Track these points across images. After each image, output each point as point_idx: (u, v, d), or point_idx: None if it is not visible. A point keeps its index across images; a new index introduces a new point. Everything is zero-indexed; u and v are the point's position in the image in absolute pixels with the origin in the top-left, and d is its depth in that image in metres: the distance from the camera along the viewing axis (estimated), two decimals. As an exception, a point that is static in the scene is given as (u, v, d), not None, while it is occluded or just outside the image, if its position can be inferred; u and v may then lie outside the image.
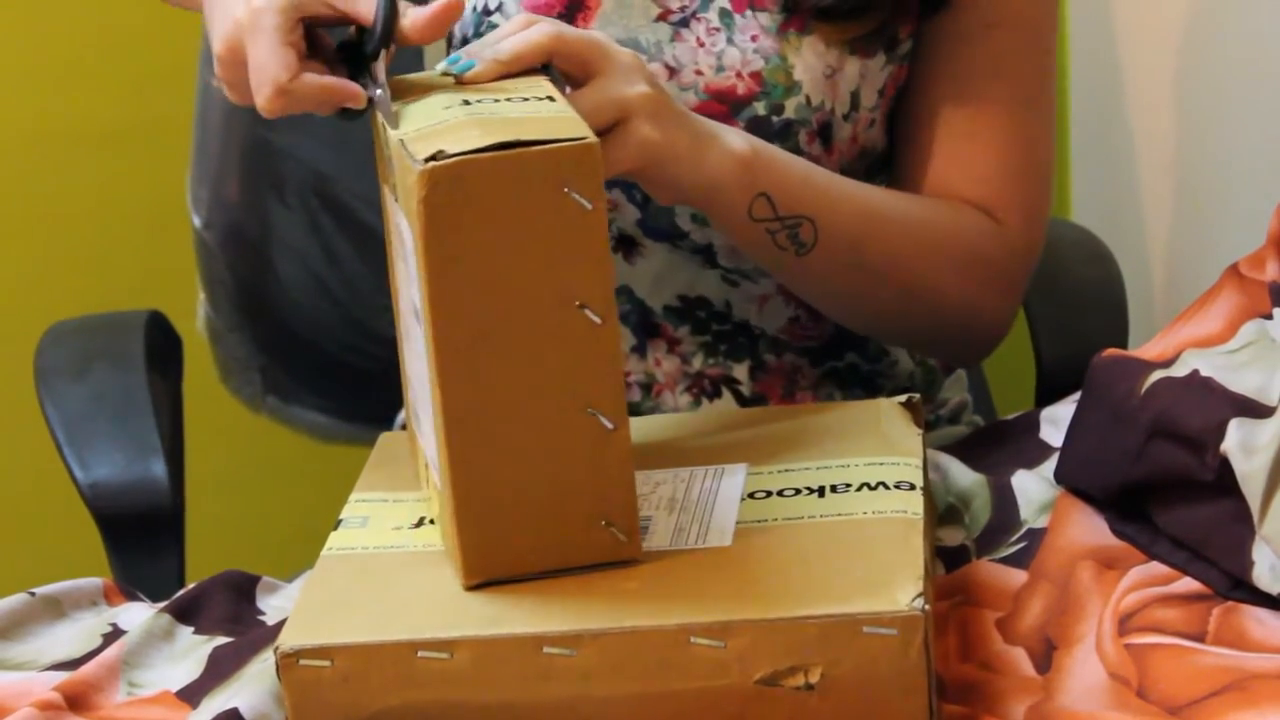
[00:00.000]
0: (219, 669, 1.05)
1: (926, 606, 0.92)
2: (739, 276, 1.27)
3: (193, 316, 1.59)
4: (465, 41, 1.26)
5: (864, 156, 1.28)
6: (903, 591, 0.93)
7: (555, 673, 0.93)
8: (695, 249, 1.26)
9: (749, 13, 1.23)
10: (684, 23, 1.23)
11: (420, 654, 0.94)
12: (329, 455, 1.57)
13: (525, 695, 0.94)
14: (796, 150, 1.22)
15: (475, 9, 1.25)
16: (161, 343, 1.50)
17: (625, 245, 1.27)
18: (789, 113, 1.23)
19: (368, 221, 1.54)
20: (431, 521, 1.04)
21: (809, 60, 1.23)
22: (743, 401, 1.28)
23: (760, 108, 1.22)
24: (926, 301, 1.23)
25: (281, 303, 1.56)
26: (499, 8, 1.24)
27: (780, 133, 1.22)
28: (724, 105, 1.22)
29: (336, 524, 1.05)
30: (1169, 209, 1.81)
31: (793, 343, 1.29)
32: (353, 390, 1.51)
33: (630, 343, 1.28)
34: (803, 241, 1.16)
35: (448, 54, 1.27)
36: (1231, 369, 1.09)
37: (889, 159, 1.30)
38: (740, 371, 1.28)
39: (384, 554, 1.02)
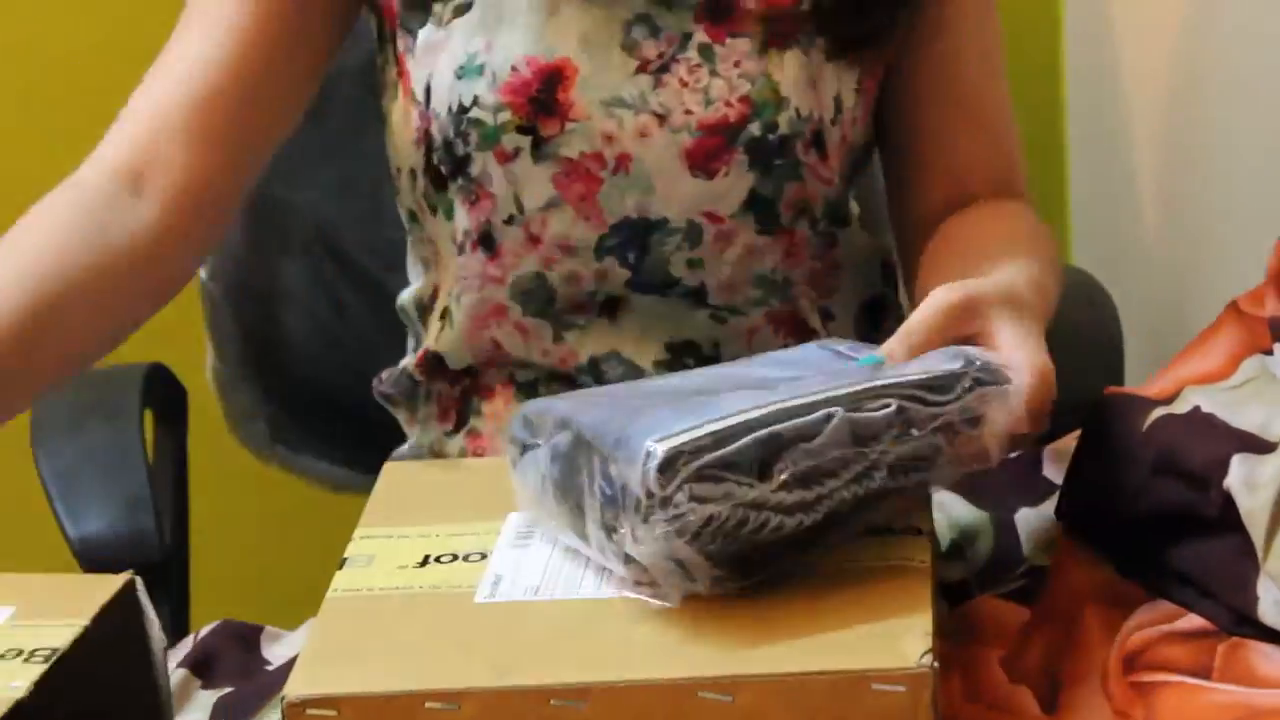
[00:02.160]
0: (223, 718, 1.05)
1: (935, 664, 0.91)
2: (728, 313, 1.27)
3: (202, 368, 1.59)
4: (448, 144, 1.25)
5: (851, 153, 1.28)
6: (912, 647, 0.91)
7: None
8: (686, 292, 1.26)
9: (729, 40, 1.22)
10: (663, 69, 1.23)
11: (428, 704, 0.92)
12: (340, 504, 1.56)
13: None
14: (795, 162, 1.23)
15: (451, 109, 1.24)
16: (166, 395, 1.50)
17: (610, 307, 1.26)
18: (783, 128, 1.23)
19: (372, 271, 1.54)
20: (438, 560, 1.02)
21: (792, 73, 1.23)
22: None
23: (755, 129, 1.22)
24: None
25: (288, 353, 1.56)
26: (474, 103, 1.23)
27: (778, 148, 1.22)
28: (719, 136, 1.22)
29: (341, 563, 1.03)
30: (1168, 249, 1.81)
31: None
32: (361, 439, 1.50)
33: None
34: None
35: (427, 160, 1.25)
36: (1233, 405, 1.08)
37: (869, 150, 1.31)
38: None
39: (390, 595, 1.00)
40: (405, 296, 1.36)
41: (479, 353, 1.30)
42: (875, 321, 1.36)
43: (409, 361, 1.34)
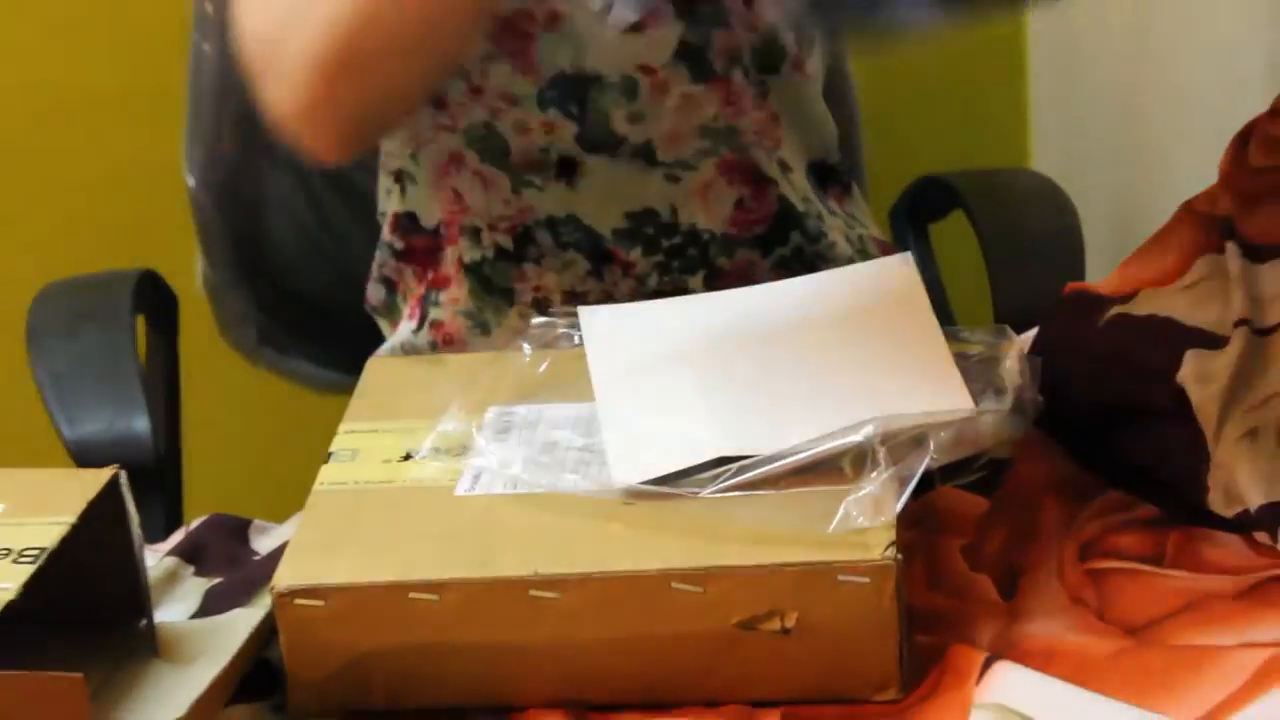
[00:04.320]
0: (214, 606, 1.06)
1: (899, 556, 0.92)
2: (680, 169, 1.27)
3: (192, 274, 1.59)
4: None
5: None
6: (876, 540, 0.93)
7: (541, 615, 0.93)
8: (635, 152, 1.26)
9: None
10: None
11: (411, 595, 0.93)
12: (325, 404, 1.57)
13: (513, 636, 0.94)
14: (720, 10, 1.21)
15: None
16: (157, 300, 1.51)
17: (565, 169, 1.27)
18: None
19: (357, 180, 1.54)
20: (421, 454, 1.02)
21: None
22: None
23: None
24: None
25: (275, 259, 1.55)
26: None
27: None
28: None
29: (327, 458, 1.04)
30: (1125, 152, 1.82)
31: (741, 235, 1.29)
32: (345, 341, 1.51)
33: (586, 267, 1.28)
34: None
35: None
36: (1187, 307, 1.09)
37: None
38: (695, 282, 1.29)
39: (374, 489, 1.01)
40: (380, 194, 1.37)
41: (443, 207, 1.30)
42: (823, 183, 1.36)
43: (383, 236, 1.34)
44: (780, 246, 1.31)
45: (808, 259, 1.32)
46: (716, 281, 1.29)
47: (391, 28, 1.08)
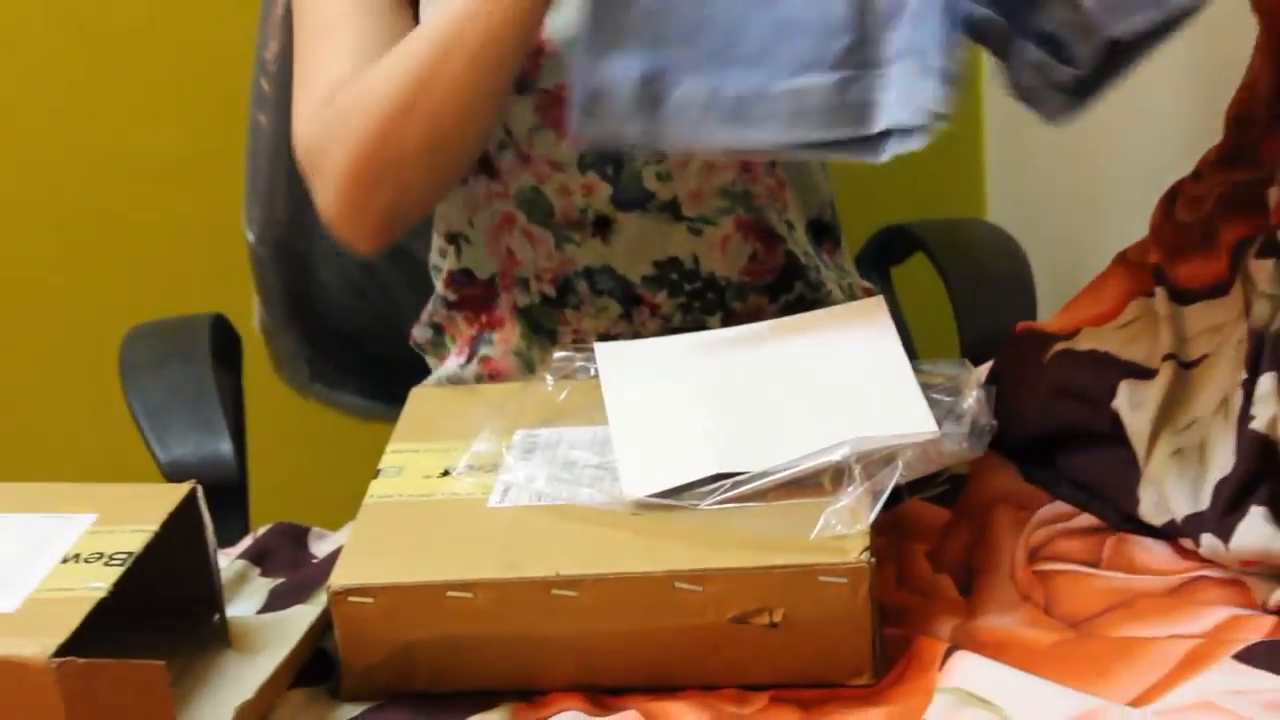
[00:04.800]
0: (278, 603, 1.08)
1: (872, 559, 0.94)
2: (702, 223, 1.29)
3: (251, 318, 1.61)
4: None
5: None
6: (852, 546, 0.94)
7: (561, 610, 0.95)
8: (663, 206, 1.28)
9: None
10: None
11: (449, 594, 0.95)
12: (369, 430, 1.58)
13: (536, 629, 0.95)
14: None
15: None
16: (225, 341, 1.53)
17: (600, 226, 1.29)
18: None
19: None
20: (457, 471, 1.04)
21: None
22: None
23: None
24: None
25: (324, 305, 1.57)
26: None
27: None
28: None
29: (375, 474, 1.06)
30: (1072, 208, 1.83)
31: (753, 282, 1.31)
32: (386, 377, 1.52)
33: (618, 311, 1.31)
34: None
35: None
36: (1122, 343, 1.11)
37: None
38: (714, 322, 1.31)
39: (417, 501, 1.03)
40: (433, 253, 1.40)
41: (498, 261, 1.32)
42: (819, 238, 1.39)
43: (437, 290, 1.36)
44: (786, 293, 1.33)
45: (808, 304, 1.34)
46: (730, 321, 1.31)
47: (405, 144, 1.15)
